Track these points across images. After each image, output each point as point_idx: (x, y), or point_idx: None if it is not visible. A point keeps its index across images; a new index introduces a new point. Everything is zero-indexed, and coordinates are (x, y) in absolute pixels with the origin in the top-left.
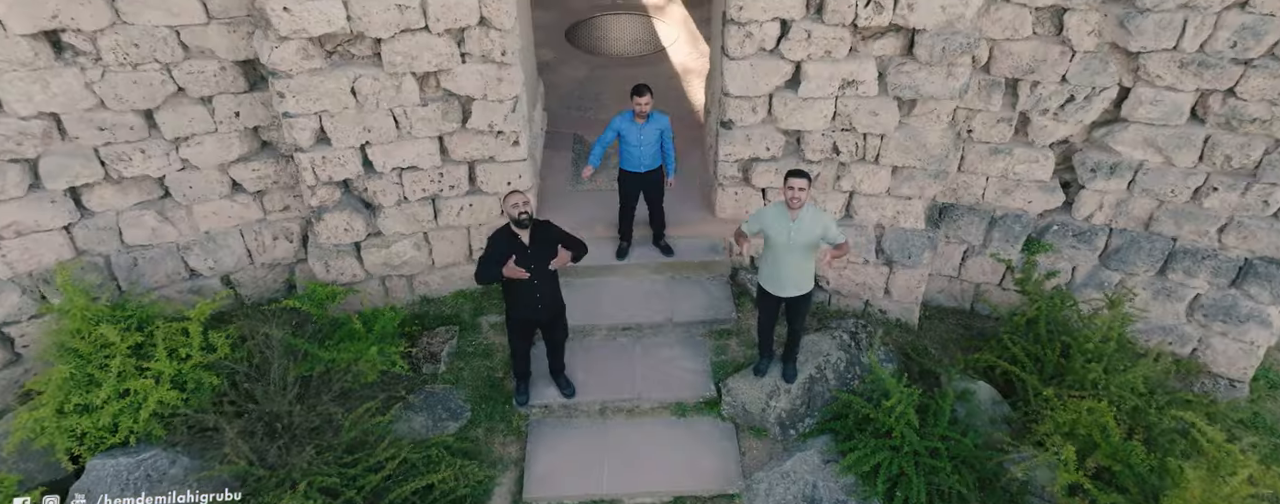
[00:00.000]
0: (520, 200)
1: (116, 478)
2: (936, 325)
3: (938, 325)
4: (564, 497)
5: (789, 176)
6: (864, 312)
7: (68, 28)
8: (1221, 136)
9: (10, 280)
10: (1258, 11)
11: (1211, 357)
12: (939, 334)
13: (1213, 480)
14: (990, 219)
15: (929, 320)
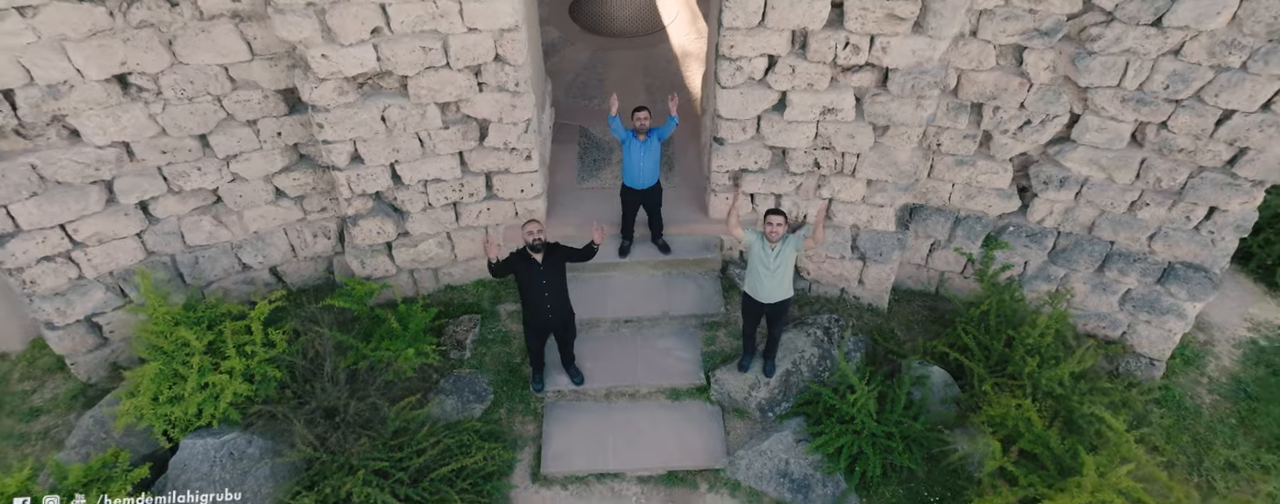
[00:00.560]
0: (535, 229)
1: (205, 455)
2: (904, 307)
3: (905, 307)
4: (576, 471)
5: (768, 214)
6: (840, 298)
7: (134, 71)
8: (1155, 161)
9: (96, 280)
10: (1186, 61)
11: (1137, 340)
12: (905, 315)
13: (1110, 464)
14: (955, 219)
15: (898, 303)
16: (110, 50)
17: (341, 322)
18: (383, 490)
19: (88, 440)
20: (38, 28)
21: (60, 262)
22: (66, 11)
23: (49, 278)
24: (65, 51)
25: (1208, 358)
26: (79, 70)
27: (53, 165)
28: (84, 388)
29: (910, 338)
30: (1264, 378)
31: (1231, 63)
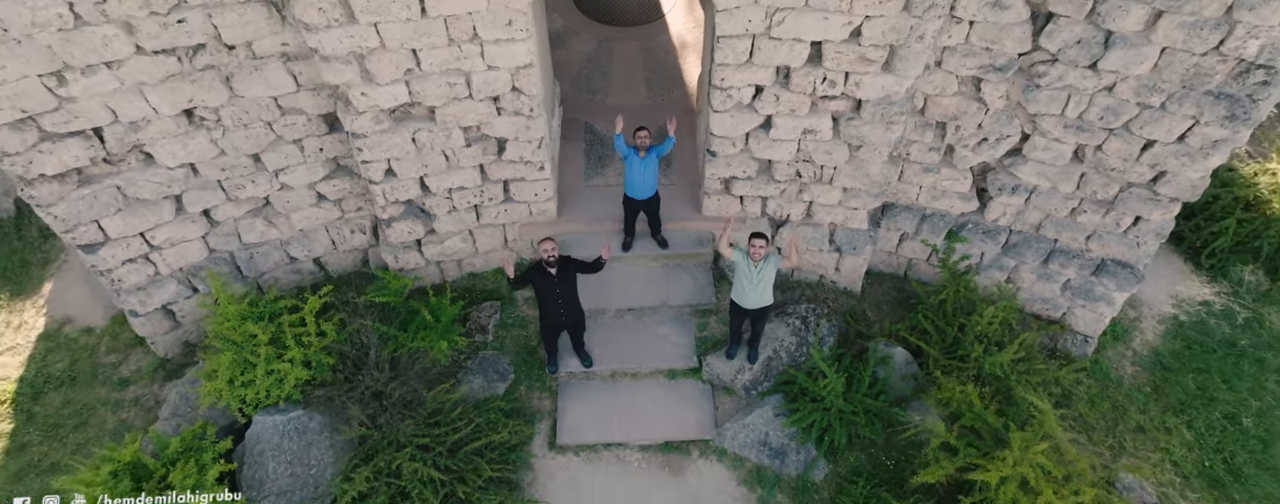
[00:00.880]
0: (551, 247)
1: (275, 430)
2: (876, 288)
3: (877, 288)
4: (586, 441)
5: (752, 237)
6: (819, 282)
7: (199, 106)
8: (1092, 176)
9: (169, 276)
10: (1117, 98)
11: (1074, 320)
12: (877, 296)
13: (1033, 439)
14: (921, 216)
15: (870, 285)
16: (180, 90)
17: (381, 311)
18: (426, 464)
19: (177, 413)
20: (122, 77)
21: (140, 262)
22: (145, 63)
23: (132, 276)
24: (144, 94)
25: (1135, 333)
26: (155, 108)
27: (133, 185)
28: (163, 362)
29: (880, 318)
30: (1179, 350)
31: (1153, 102)
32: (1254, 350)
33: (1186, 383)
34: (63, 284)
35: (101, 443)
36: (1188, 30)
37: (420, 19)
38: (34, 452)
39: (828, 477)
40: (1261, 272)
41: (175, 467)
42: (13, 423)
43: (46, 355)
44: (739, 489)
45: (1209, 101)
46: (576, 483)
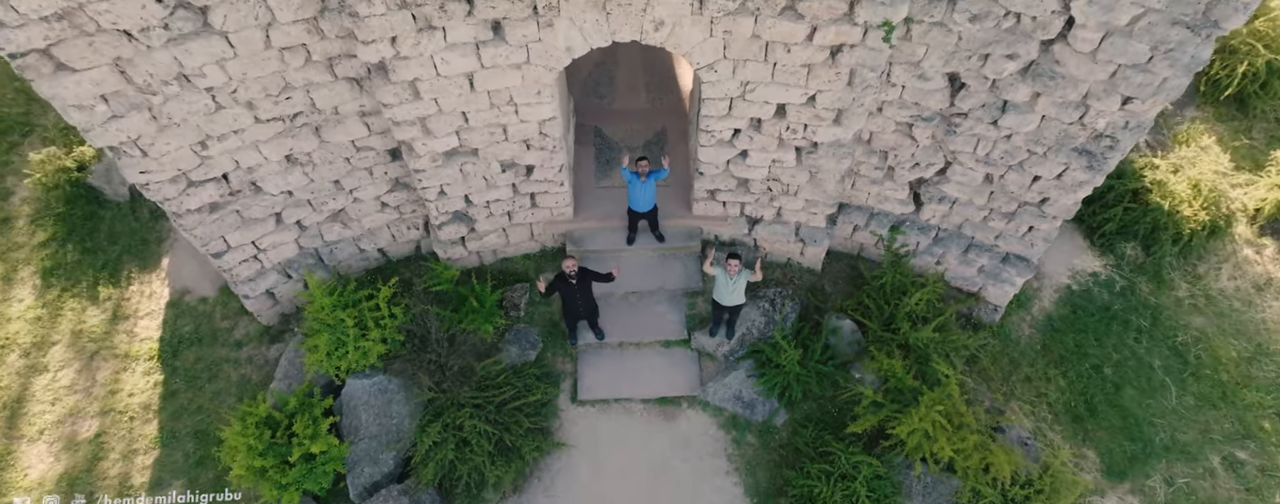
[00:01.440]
0: (571, 264)
1: (364, 390)
2: (834, 265)
3: (835, 266)
4: (601, 397)
5: (728, 257)
6: (788, 263)
7: (296, 152)
8: (998, 195)
9: (271, 269)
10: (1013, 145)
11: (987, 294)
12: (834, 273)
13: (939, 398)
14: (870, 213)
15: (830, 263)
16: (284, 143)
17: (436, 296)
18: (480, 420)
19: (288, 375)
20: (244, 139)
21: (251, 261)
22: (261, 128)
23: (245, 271)
24: (258, 149)
25: (1035, 301)
26: (266, 157)
27: (248, 209)
28: (266, 329)
29: (836, 291)
30: (1066, 315)
31: (1038, 150)
32: (1123, 314)
33: (1068, 341)
34: (177, 260)
35: (230, 392)
36: (1058, 107)
37: (470, 93)
38: (182, 398)
39: (786, 422)
40: (1140, 248)
41: (296, 418)
42: (161, 374)
43: (176, 320)
44: (718, 432)
45: (1075, 155)
46: (593, 429)
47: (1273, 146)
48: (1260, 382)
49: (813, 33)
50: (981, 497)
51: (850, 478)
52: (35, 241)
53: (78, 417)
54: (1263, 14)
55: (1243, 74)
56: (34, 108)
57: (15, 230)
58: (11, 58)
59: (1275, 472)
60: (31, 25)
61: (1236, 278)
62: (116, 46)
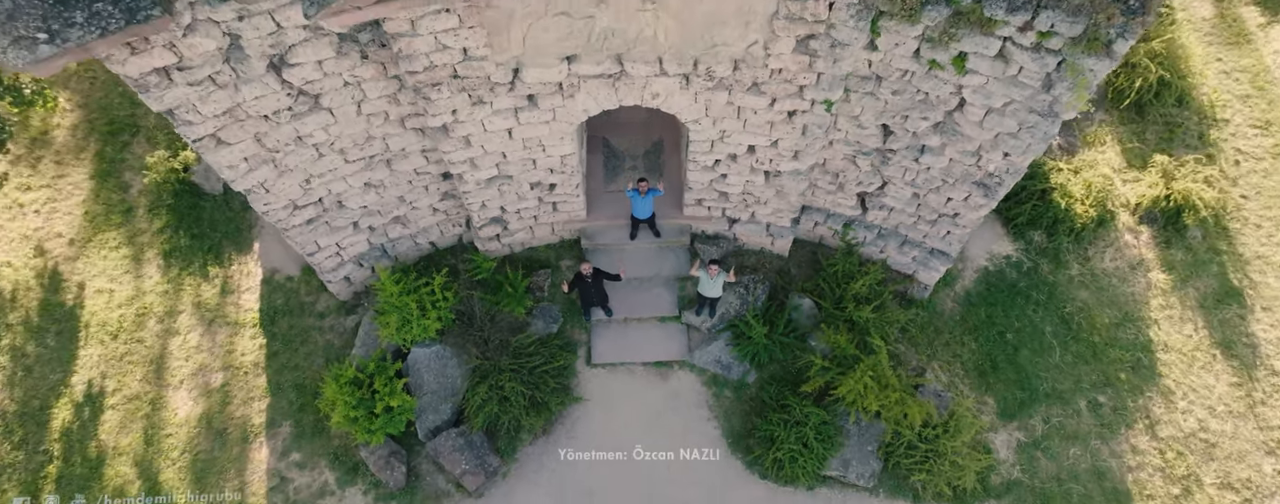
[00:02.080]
0: (588, 267)
1: (425, 356)
2: (799, 251)
3: (800, 251)
4: (609, 361)
5: (710, 262)
6: (761, 251)
7: (372, 180)
8: (923, 208)
9: (347, 261)
10: (932, 174)
11: (919, 276)
12: (800, 258)
13: (872, 364)
14: (827, 214)
15: (796, 250)
16: (363, 174)
17: (477, 281)
18: (516, 382)
19: (365, 343)
20: (335, 174)
21: (334, 256)
22: (349, 167)
23: (329, 263)
24: (346, 180)
25: (958, 280)
26: (350, 185)
27: (334, 221)
28: (343, 304)
29: (800, 274)
30: (982, 291)
31: (949, 180)
32: (1026, 289)
33: (981, 312)
34: (266, 244)
35: (318, 354)
36: (960, 153)
37: (508, 141)
38: (282, 357)
39: (755, 381)
40: (1044, 235)
41: (376, 378)
42: (264, 338)
43: (270, 294)
44: (702, 388)
45: (974, 186)
46: (604, 386)
47: (1160, 148)
48: (1123, 342)
49: (773, 102)
50: (901, 437)
51: (803, 424)
52: (154, 228)
53: (206, 370)
54: (1157, 37)
55: (1139, 87)
56: (138, 111)
57: (137, 218)
58: (192, 141)
59: (1124, 411)
60: (208, 121)
61: (1116, 259)
62: (257, 125)
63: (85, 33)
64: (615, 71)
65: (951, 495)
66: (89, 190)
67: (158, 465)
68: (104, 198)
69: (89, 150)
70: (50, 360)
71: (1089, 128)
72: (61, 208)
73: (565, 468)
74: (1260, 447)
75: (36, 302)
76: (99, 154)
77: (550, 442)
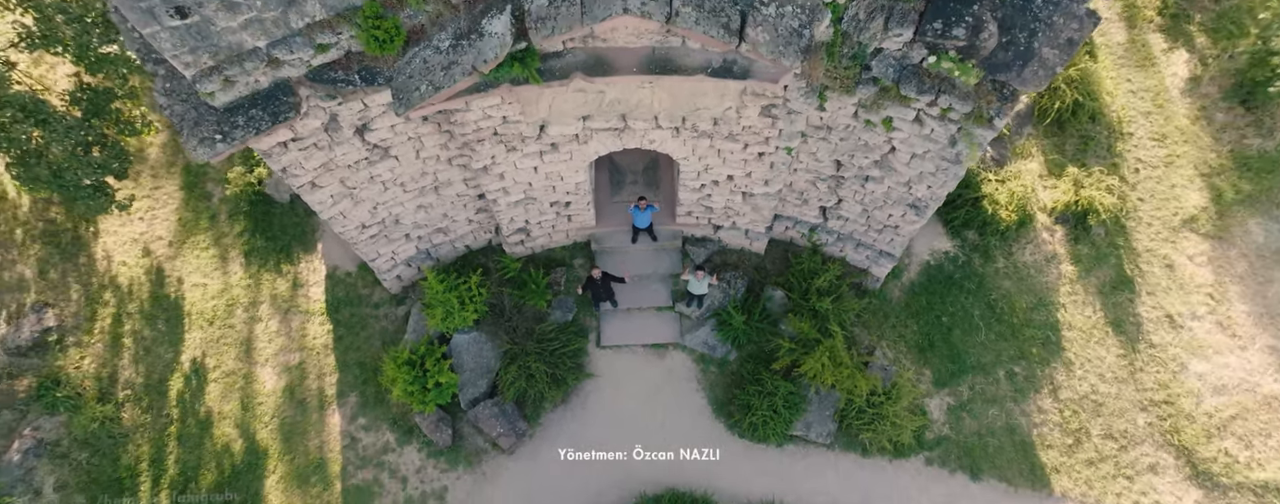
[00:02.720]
0: (598, 271)
1: (466, 341)
2: (774, 249)
3: (774, 249)
4: (615, 343)
5: (696, 268)
6: (741, 250)
7: (423, 203)
8: (871, 220)
9: (400, 263)
10: (876, 196)
11: (872, 270)
12: (774, 255)
13: (830, 346)
14: (795, 220)
15: (771, 248)
16: (417, 200)
17: (507, 277)
18: (540, 362)
19: (416, 330)
20: (398, 202)
21: (389, 260)
22: (407, 195)
23: (385, 265)
24: (403, 204)
25: (905, 272)
26: (406, 208)
27: (391, 234)
28: (394, 296)
29: (774, 268)
30: (924, 282)
31: (892, 200)
32: (960, 280)
33: (922, 300)
34: (328, 245)
35: (376, 338)
36: (895, 184)
37: (534, 174)
38: (346, 340)
39: (735, 359)
40: (977, 235)
41: (426, 359)
42: (330, 325)
43: (333, 288)
44: (692, 365)
45: (909, 207)
46: (611, 364)
47: (1076, 159)
48: (1036, 322)
49: (746, 146)
50: (852, 403)
51: (773, 394)
52: (235, 232)
53: (286, 351)
54: (1074, 66)
55: (1058, 107)
56: None
57: (221, 223)
58: (295, 187)
59: (1034, 379)
60: (309, 173)
61: (1035, 253)
62: (342, 173)
63: (246, 132)
64: (620, 126)
65: (892, 450)
66: (180, 199)
67: (254, 427)
68: (192, 205)
69: (177, 165)
70: (163, 342)
71: (1019, 141)
72: (160, 214)
73: (579, 430)
74: (1136, 404)
75: (148, 293)
76: (185, 168)
77: (568, 409)
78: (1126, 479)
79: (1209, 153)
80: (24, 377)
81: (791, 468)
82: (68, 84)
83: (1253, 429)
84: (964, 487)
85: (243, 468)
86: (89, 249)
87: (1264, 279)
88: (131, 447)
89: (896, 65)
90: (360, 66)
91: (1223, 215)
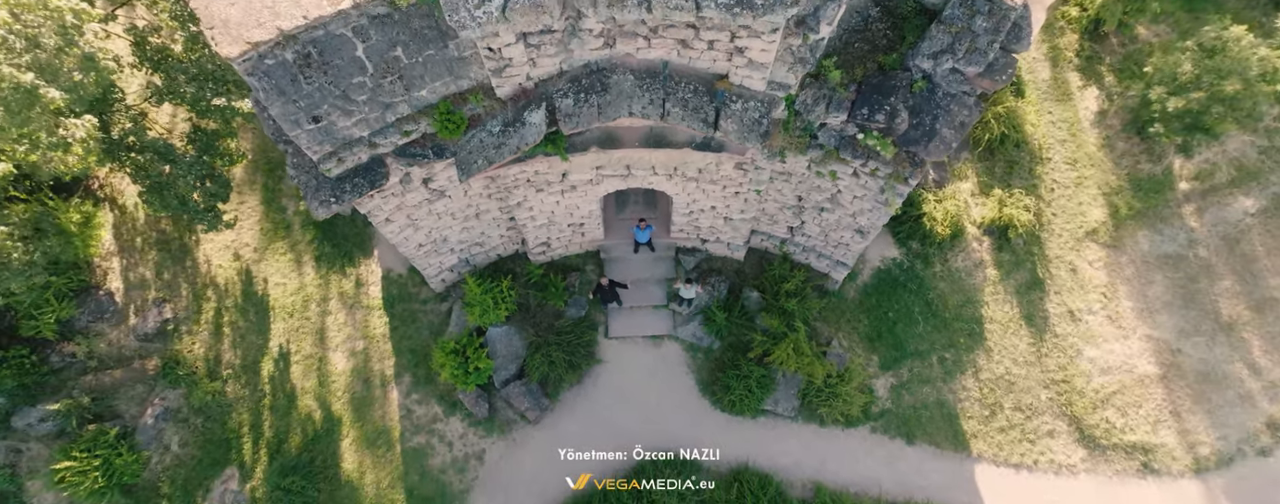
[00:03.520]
0: (606, 281)
1: (500, 333)
2: (751, 257)
3: (753, 256)
4: (622, 335)
5: (686, 280)
6: (724, 258)
7: (466, 226)
8: (829, 237)
9: (446, 269)
10: (831, 223)
11: (831, 275)
12: (751, 262)
13: (794, 338)
14: (769, 235)
15: (749, 255)
16: (462, 224)
17: (531, 281)
18: (559, 350)
19: (457, 323)
20: (447, 226)
21: (436, 267)
22: (455, 222)
23: (433, 271)
24: (452, 228)
25: (859, 276)
26: (453, 230)
27: (440, 250)
28: (438, 294)
29: (751, 272)
30: (874, 284)
31: (844, 226)
32: (904, 282)
33: (873, 299)
34: (382, 250)
35: (424, 329)
36: (843, 214)
37: (556, 206)
38: (401, 331)
39: (718, 348)
40: (919, 244)
41: (467, 348)
42: (387, 318)
43: (388, 287)
44: (683, 353)
45: (854, 232)
46: (617, 352)
47: (1002, 180)
48: (965, 317)
49: (724, 188)
50: (812, 384)
51: (748, 377)
52: (306, 239)
53: (352, 339)
54: (1001, 103)
55: (988, 138)
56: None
57: (295, 231)
58: (375, 223)
59: (960, 363)
60: (385, 213)
61: (966, 260)
62: (410, 211)
63: (351, 195)
64: (625, 173)
65: (845, 421)
66: (261, 212)
67: (329, 400)
68: (271, 217)
69: (257, 183)
70: (253, 331)
71: (956, 165)
72: (246, 225)
73: (592, 406)
74: (1040, 383)
75: (240, 291)
76: (264, 185)
77: (582, 388)
78: (1029, 442)
79: (1110, 175)
80: (151, 358)
81: (763, 436)
82: (175, 122)
83: (1128, 402)
84: (901, 450)
85: (322, 433)
86: (193, 254)
87: (1146, 281)
88: (235, 415)
89: (836, 136)
90: (432, 144)
91: (1118, 228)
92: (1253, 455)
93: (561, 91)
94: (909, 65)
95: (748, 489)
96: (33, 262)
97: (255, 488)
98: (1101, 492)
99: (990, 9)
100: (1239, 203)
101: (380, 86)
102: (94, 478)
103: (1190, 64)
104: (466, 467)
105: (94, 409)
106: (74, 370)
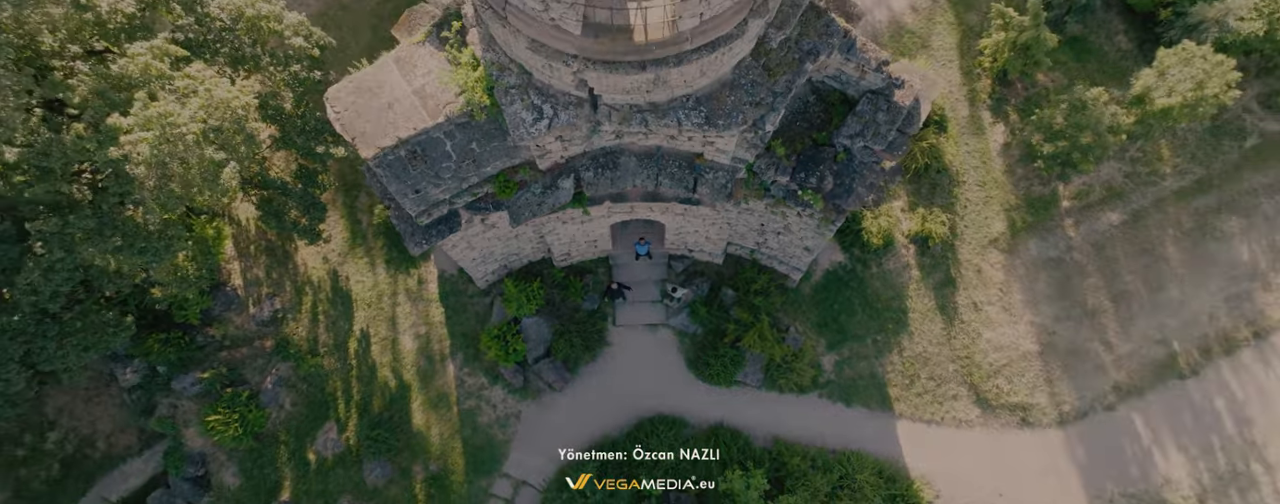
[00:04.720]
0: (615, 284)
1: (531, 323)
2: (729, 261)
3: (729, 261)
4: (626, 324)
5: (677, 286)
6: (707, 262)
7: (506, 243)
8: (787, 253)
9: (490, 272)
10: (788, 242)
11: (789, 275)
12: (730, 265)
13: (759, 328)
14: (741, 246)
15: (728, 260)
16: (505, 243)
17: (556, 281)
18: (577, 335)
19: (498, 314)
20: (495, 245)
21: (483, 271)
22: (500, 242)
23: (479, 274)
24: (495, 245)
25: (812, 276)
26: (498, 246)
27: (487, 259)
28: (482, 291)
29: (729, 274)
30: (825, 283)
31: (798, 245)
32: (847, 281)
33: (822, 295)
34: (437, 255)
35: (472, 318)
36: (795, 237)
37: (576, 232)
38: (454, 319)
39: (701, 334)
40: (859, 250)
41: (506, 334)
42: (443, 309)
43: (443, 285)
44: (674, 338)
45: (802, 249)
46: (622, 337)
47: (927, 199)
48: (893, 308)
49: (704, 219)
50: (773, 360)
51: (724, 356)
52: (378, 246)
53: (417, 324)
54: (926, 140)
55: (915, 167)
56: (360, 177)
57: (369, 240)
58: (445, 249)
59: (888, 344)
60: (449, 241)
61: (895, 263)
62: (469, 238)
63: (436, 238)
64: (629, 211)
65: (798, 390)
66: (343, 225)
67: (401, 372)
68: (351, 229)
69: (339, 201)
70: (341, 318)
71: (892, 187)
72: (332, 234)
73: (603, 378)
74: (949, 358)
75: (330, 287)
76: (345, 204)
77: (596, 364)
78: (939, 404)
79: (1010, 195)
80: (268, 339)
81: (734, 401)
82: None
83: (1014, 372)
84: (842, 411)
85: (397, 397)
86: (293, 259)
87: (1033, 278)
88: (331, 382)
89: (784, 189)
90: (492, 201)
91: (1014, 237)
92: (1101, 411)
93: (584, 165)
94: (834, 142)
95: (723, 441)
96: (202, 275)
97: (349, 437)
98: (991, 440)
99: (888, 107)
100: (1107, 216)
101: (460, 167)
102: (234, 427)
103: (1062, 117)
104: (508, 423)
105: (229, 377)
106: (213, 347)
